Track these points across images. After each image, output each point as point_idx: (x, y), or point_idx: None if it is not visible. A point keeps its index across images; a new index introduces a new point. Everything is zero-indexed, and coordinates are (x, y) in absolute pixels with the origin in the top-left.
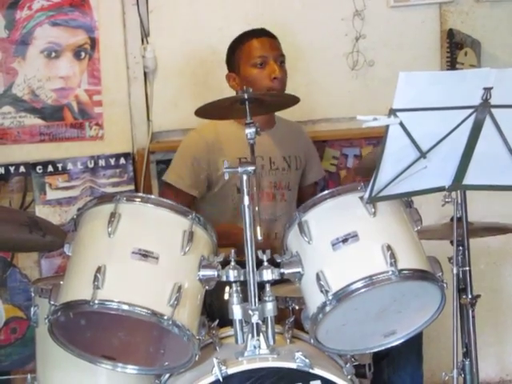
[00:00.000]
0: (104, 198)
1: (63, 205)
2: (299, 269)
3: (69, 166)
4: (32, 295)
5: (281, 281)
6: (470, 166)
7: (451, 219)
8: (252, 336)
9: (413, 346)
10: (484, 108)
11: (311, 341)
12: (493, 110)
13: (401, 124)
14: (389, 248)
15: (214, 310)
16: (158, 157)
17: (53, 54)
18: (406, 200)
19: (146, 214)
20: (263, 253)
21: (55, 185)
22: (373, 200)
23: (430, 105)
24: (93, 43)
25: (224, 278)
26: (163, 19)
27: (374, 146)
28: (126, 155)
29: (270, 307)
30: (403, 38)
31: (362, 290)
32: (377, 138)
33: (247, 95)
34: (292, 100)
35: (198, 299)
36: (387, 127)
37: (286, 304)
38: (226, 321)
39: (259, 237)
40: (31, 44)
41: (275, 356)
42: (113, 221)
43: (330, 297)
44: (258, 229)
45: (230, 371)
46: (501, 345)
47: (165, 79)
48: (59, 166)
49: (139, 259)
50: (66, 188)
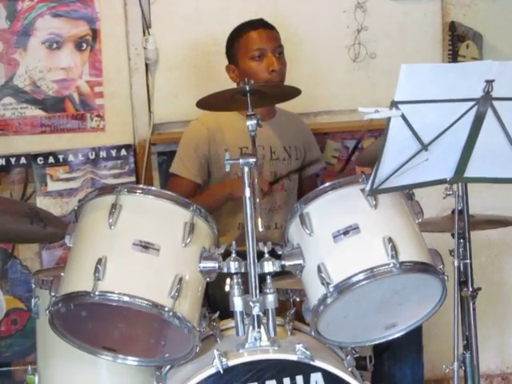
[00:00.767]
0: (105, 190)
1: (64, 196)
2: (300, 261)
3: (70, 158)
4: (33, 286)
5: (282, 273)
6: (472, 159)
7: (452, 212)
8: (253, 328)
9: (413, 339)
10: (486, 100)
11: (312, 333)
12: (494, 103)
13: (402, 116)
14: (390, 240)
15: (215, 302)
16: (160, 148)
17: (54, 45)
18: (408, 192)
19: (147, 206)
20: (264, 245)
21: (56, 176)
22: (374, 192)
23: (432, 97)
24: (94, 34)
25: (225, 270)
26: (165, 10)
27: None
28: (127, 147)
29: (271, 299)
30: (405, 31)
31: (363, 283)
32: (378, 131)
33: (248, 87)
34: (293, 92)
35: (199, 291)
36: (389, 119)
37: (287, 296)
38: (227, 313)
39: (260, 228)
40: (32, 35)
41: (276, 348)
42: (114, 212)
43: (331, 289)
44: (260, 220)
45: (231, 363)
46: (501, 337)
47: (166, 71)
48: (60, 158)
49: (140, 251)
50: (67, 179)
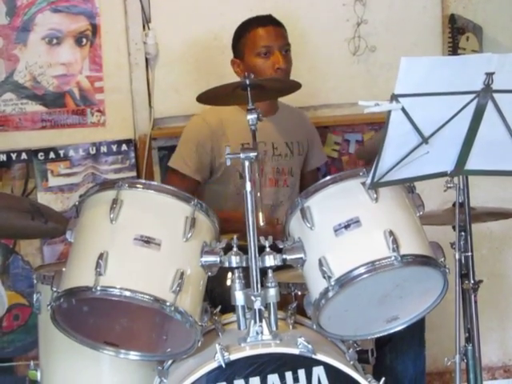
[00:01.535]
0: (106, 185)
1: (65, 191)
2: (301, 255)
3: (70, 153)
4: (34, 282)
5: (283, 266)
6: (472, 152)
7: (453, 204)
8: (254, 322)
9: (415, 332)
10: (486, 93)
11: (314, 326)
12: (495, 95)
13: (403, 109)
14: (391, 233)
15: (217, 296)
16: (160, 143)
17: (54, 41)
18: (408, 185)
19: (148, 201)
20: (265, 239)
21: (57, 171)
22: (375, 185)
23: (432, 90)
24: (94, 29)
25: (226, 264)
26: (164, 5)
27: (376, 132)
28: (128, 141)
29: (273, 293)
30: (405, 24)
31: (365, 276)
32: (379, 124)
33: (249, 81)
34: (293, 86)
35: (201, 285)
36: (389, 113)
37: (289, 290)
38: (229, 307)
39: (261, 222)
40: (32, 31)
41: (278, 342)
42: (115, 207)
43: (333, 282)
44: (260, 214)
45: (233, 357)
46: (503, 330)
47: (166, 65)
48: (61, 153)
49: (141, 245)
50: (68, 175)
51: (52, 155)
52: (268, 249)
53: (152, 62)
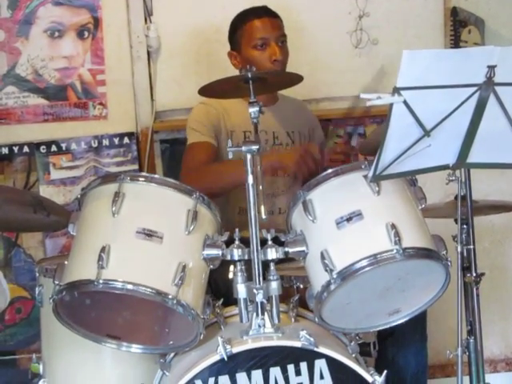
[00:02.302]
0: (108, 178)
1: (67, 184)
2: (303, 248)
3: (72, 146)
4: (36, 275)
5: (285, 259)
6: (474, 144)
7: (455, 197)
8: (257, 315)
9: (417, 325)
10: (488, 86)
11: (316, 319)
12: (496, 88)
13: (405, 102)
14: (393, 226)
15: (219, 289)
16: (162, 136)
17: (56, 34)
18: (410, 178)
19: (150, 194)
20: (267, 231)
21: (59, 164)
22: (377, 178)
23: (434, 83)
24: (96, 23)
25: (228, 257)
26: None
27: (378, 125)
28: (130, 135)
29: (275, 286)
30: (407, 16)
31: (367, 269)
32: (381, 117)
33: (251, 74)
34: (295, 78)
35: (203, 278)
36: (391, 105)
37: (291, 283)
38: (231, 300)
39: (263, 215)
40: (34, 24)
41: (280, 335)
42: (117, 200)
43: (335, 275)
44: (263, 207)
45: (235, 350)
46: (505, 322)
47: (168, 58)
48: (63, 146)
49: (143, 239)
50: (70, 168)
51: (54, 148)
52: (270, 242)
53: (154, 55)
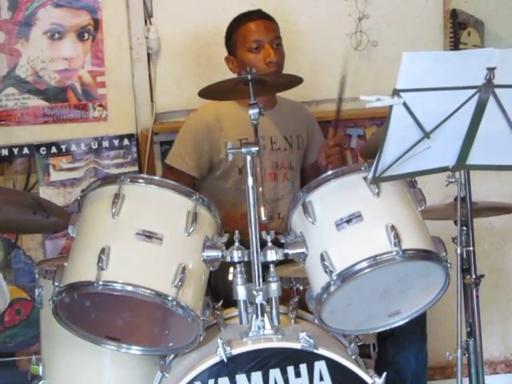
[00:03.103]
0: (108, 179)
1: (67, 186)
2: (303, 249)
3: (72, 148)
4: (36, 276)
5: (285, 261)
6: (474, 146)
7: (455, 199)
8: (256, 316)
9: (417, 326)
10: (487, 88)
11: (315, 321)
12: (496, 90)
13: (404, 104)
14: (393, 228)
15: (219, 291)
16: (162, 138)
17: (56, 36)
18: (410, 180)
19: (150, 195)
20: (267, 233)
21: (59, 166)
22: (377, 180)
23: (434, 85)
24: (96, 24)
25: (228, 259)
26: (166, 0)
27: (378, 127)
28: (130, 136)
29: (275, 288)
30: (407, 18)
31: (366, 270)
32: (381, 119)
33: (250, 76)
34: (295, 80)
35: (203, 280)
36: (391, 107)
37: (291, 284)
38: (231, 301)
39: (263, 217)
40: (34, 25)
41: (280, 336)
42: (117, 202)
43: (335, 277)
44: (262, 209)
45: (235, 352)
46: (505, 324)
47: (168, 60)
48: (63, 148)
49: (143, 240)
50: (70, 169)
51: (54, 150)
52: (270, 243)
53: (154, 57)
